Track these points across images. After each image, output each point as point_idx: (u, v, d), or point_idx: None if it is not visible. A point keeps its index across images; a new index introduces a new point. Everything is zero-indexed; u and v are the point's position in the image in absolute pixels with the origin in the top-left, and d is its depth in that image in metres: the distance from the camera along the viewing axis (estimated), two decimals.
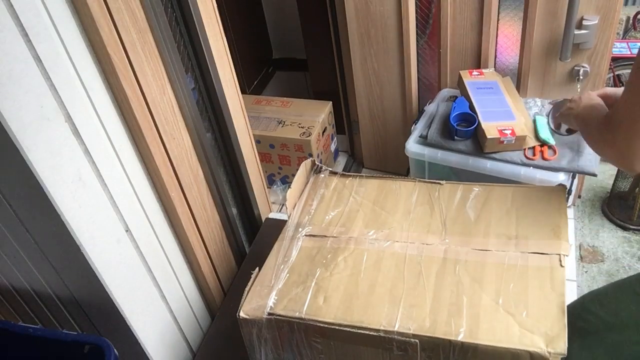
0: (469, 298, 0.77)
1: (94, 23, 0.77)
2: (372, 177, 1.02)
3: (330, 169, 1.06)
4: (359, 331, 0.76)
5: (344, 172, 1.04)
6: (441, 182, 0.97)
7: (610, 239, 2.08)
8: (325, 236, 0.91)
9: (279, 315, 0.80)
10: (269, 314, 0.80)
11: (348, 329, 0.76)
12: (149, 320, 0.98)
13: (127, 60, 0.85)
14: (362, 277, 0.83)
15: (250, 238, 1.41)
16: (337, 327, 0.77)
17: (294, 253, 0.89)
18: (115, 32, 0.81)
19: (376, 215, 0.94)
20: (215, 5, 1.12)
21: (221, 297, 1.22)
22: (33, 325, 0.82)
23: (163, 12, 0.93)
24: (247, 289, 0.84)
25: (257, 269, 0.87)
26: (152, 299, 0.99)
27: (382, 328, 0.75)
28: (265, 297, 0.82)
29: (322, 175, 1.03)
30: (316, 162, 1.06)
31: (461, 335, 0.72)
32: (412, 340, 0.74)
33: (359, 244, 0.89)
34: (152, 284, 0.98)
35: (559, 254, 0.81)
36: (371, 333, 0.75)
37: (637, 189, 2.08)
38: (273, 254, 0.91)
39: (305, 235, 0.92)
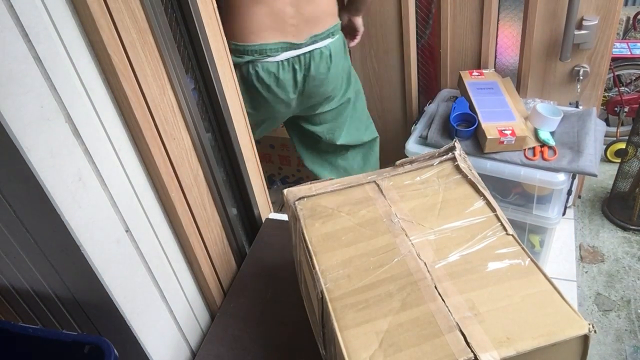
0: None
1: (94, 23, 0.77)
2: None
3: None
4: None
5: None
6: None
7: (610, 239, 2.08)
8: None
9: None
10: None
11: None
12: (149, 320, 0.97)
13: (127, 60, 0.85)
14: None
15: (250, 238, 1.41)
16: None
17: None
18: (115, 32, 0.81)
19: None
20: (216, 5, 1.12)
21: (221, 297, 1.22)
22: (33, 326, 0.82)
23: (163, 12, 0.93)
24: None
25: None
26: (152, 299, 0.99)
27: None
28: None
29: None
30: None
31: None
32: None
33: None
34: (152, 284, 0.98)
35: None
36: None
37: (637, 189, 2.08)
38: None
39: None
